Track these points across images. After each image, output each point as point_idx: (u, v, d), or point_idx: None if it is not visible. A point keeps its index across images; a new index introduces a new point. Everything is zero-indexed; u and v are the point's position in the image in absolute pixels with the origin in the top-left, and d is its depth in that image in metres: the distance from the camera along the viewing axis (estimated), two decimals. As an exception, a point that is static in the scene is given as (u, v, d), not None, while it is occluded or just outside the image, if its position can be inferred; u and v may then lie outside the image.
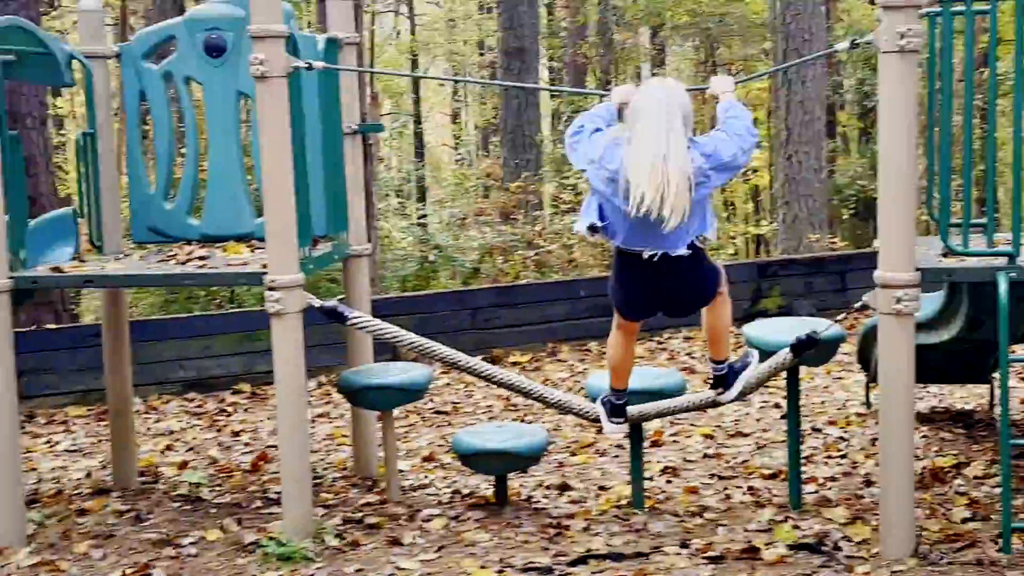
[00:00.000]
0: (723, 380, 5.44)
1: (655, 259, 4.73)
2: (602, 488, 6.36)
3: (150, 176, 6.78)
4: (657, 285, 4.87)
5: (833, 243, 13.74)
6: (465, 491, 6.36)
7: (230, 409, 8.74)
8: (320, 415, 8.40)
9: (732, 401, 5.63)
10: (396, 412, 6.65)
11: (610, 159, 4.67)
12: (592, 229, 4.85)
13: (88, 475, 7.01)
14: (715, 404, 5.68)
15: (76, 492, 6.63)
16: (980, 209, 11.91)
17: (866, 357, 7.60)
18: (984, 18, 5.33)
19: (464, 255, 13.12)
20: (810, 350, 5.54)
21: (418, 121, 26.53)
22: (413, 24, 27.29)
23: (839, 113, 19.99)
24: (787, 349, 5.55)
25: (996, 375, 7.55)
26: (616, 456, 7.00)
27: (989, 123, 5.15)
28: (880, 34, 4.88)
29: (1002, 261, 5.06)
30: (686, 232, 4.71)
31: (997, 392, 7.47)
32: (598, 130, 4.85)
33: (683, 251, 4.73)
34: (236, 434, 7.98)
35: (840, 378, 8.83)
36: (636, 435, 5.89)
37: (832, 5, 17.86)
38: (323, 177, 6.20)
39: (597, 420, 5.62)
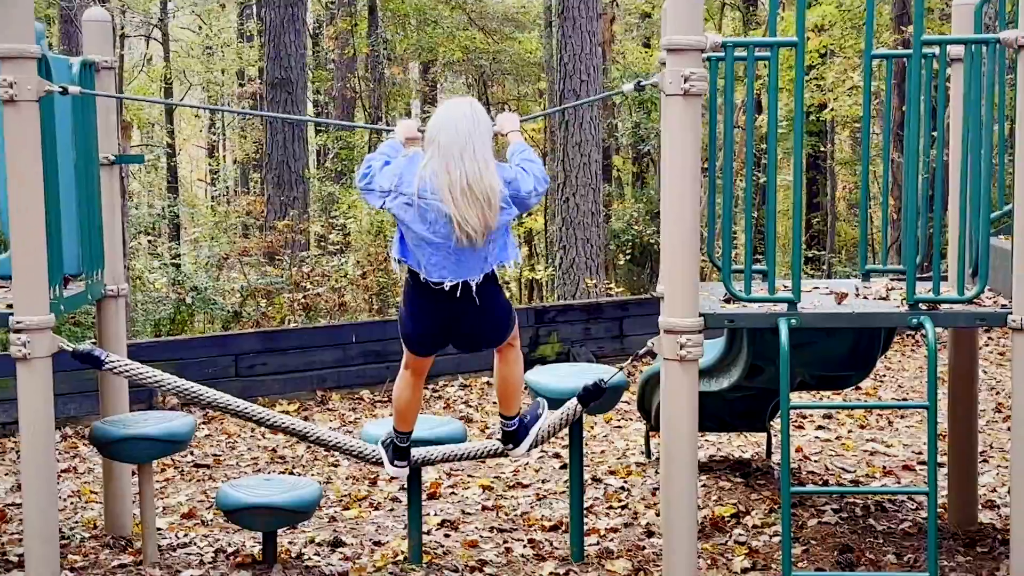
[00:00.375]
0: (513, 435, 5.49)
1: (455, 289, 4.76)
2: (377, 543, 6.34)
3: None
4: (454, 316, 4.86)
5: (610, 289, 14.11)
6: (229, 549, 6.24)
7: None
8: (65, 470, 8.10)
9: (522, 455, 5.72)
10: (154, 465, 6.48)
11: (408, 183, 4.67)
12: (399, 260, 4.85)
13: None
14: (502, 454, 5.75)
15: None
16: (760, 255, 12.45)
17: (646, 406, 7.82)
18: (765, 62, 5.60)
19: (224, 298, 12.93)
20: (597, 399, 5.68)
21: (172, 154, 26.02)
22: (167, 50, 26.77)
23: (615, 157, 20.60)
24: (575, 400, 5.68)
25: (774, 423, 7.90)
26: (391, 509, 6.99)
27: (769, 168, 5.40)
28: (664, 77, 5.05)
29: (783, 307, 5.29)
30: (486, 260, 4.76)
31: (775, 440, 7.83)
32: (387, 163, 4.86)
33: (482, 279, 4.77)
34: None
35: (620, 427, 9.05)
36: (414, 486, 5.92)
37: (607, 47, 18.42)
38: (76, 211, 6.03)
39: (378, 462, 5.62)
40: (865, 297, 5.72)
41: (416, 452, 5.61)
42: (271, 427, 5.87)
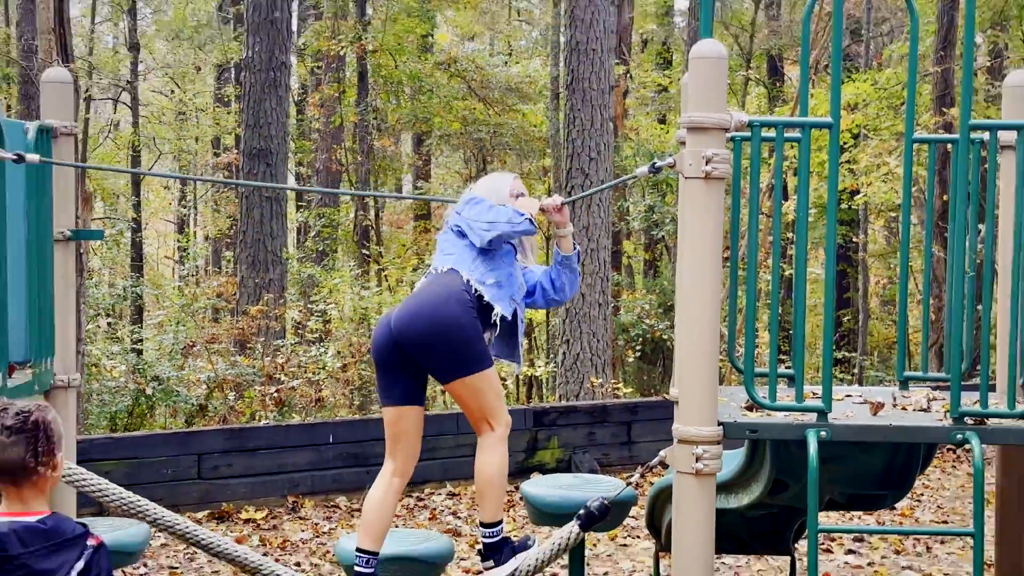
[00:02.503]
0: (495, 550, 5.41)
1: None
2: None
3: None
4: None
5: (618, 389, 14.04)
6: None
7: None
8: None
9: None
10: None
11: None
12: None
13: None
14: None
15: None
16: (785, 356, 12.41)
17: (656, 522, 7.71)
18: (795, 144, 5.59)
19: (188, 389, 12.85)
20: (602, 522, 5.59)
21: (137, 228, 26.09)
22: (136, 115, 26.95)
23: (625, 242, 20.63)
24: (574, 523, 5.57)
25: (798, 545, 7.78)
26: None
27: (797, 260, 5.36)
28: (683, 158, 5.02)
29: (811, 417, 5.23)
30: None
31: (799, 564, 7.70)
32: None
33: None
34: None
35: (626, 545, 8.94)
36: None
37: (620, 122, 18.52)
38: (26, 291, 5.98)
39: None
40: (903, 408, 5.65)
41: None
42: (220, 557, 5.76)
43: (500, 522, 5.41)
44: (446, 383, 5.32)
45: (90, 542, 3.66)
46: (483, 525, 5.40)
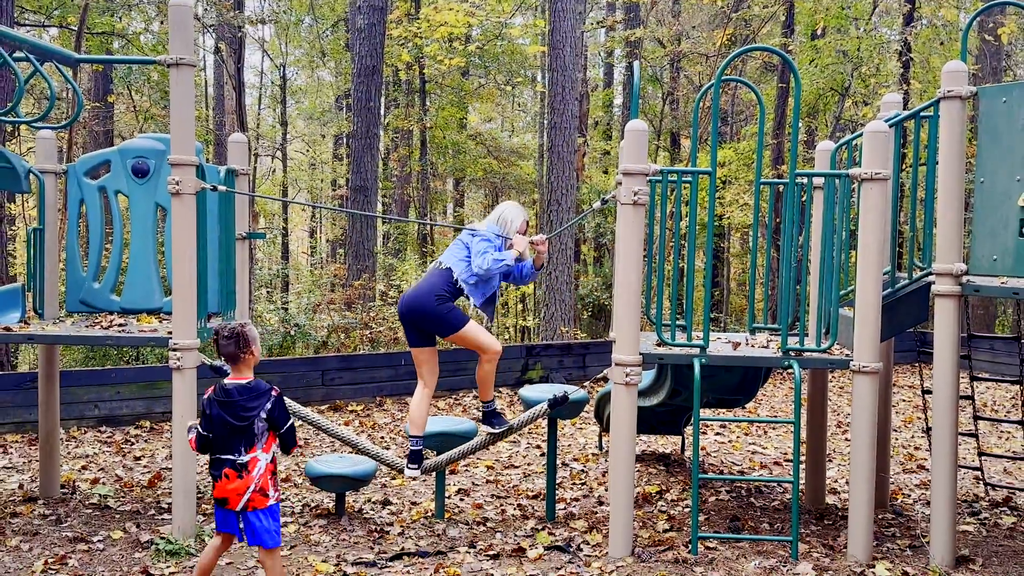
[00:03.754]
0: (489, 416, 5.53)
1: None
2: (414, 503, 6.21)
3: (83, 262, 6.39)
4: None
5: (577, 334, 13.98)
6: (312, 504, 6.11)
7: (134, 440, 8.21)
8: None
9: (497, 433, 5.59)
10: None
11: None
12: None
13: (20, 487, 6.44)
14: (495, 439, 5.62)
15: (10, 499, 6.08)
16: (681, 315, 12.30)
17: (600, 414, 7.71)
18: (687, 185, 5.55)
19: (316, 332, 12.80)
20: (562, 406, 5.58)
21: (285, 233, 25.98)
22: (285, 164, 26.84)
23: (583, 245, 20.55)
24: (545, 403, 5.58)
25: (687, 429, 7.78)
26: (424, 480, 6.86)
27: (688, 255, 5.34)
28: (620, 192, 5.01)
29: (696, 351, 5.22)
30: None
31: (687, 441, 7.70)
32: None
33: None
34: (138, 458, 7.49)
35: (581, 428, 8.92)
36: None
37: (580, 172, 18.42)
38: (219, 268, 5.97)
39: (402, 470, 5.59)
40: (752, 346, 5.64)
41: (441, 456, 5.57)
42: (332, 436, 5.75)
43: (491, 400, 5.46)
44: (444, 338, 5.36)
45: (273, 393, 4.20)
46: (482, 402, 5.48)
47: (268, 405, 4.18)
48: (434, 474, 5.90)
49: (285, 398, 4.34)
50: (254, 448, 4.16)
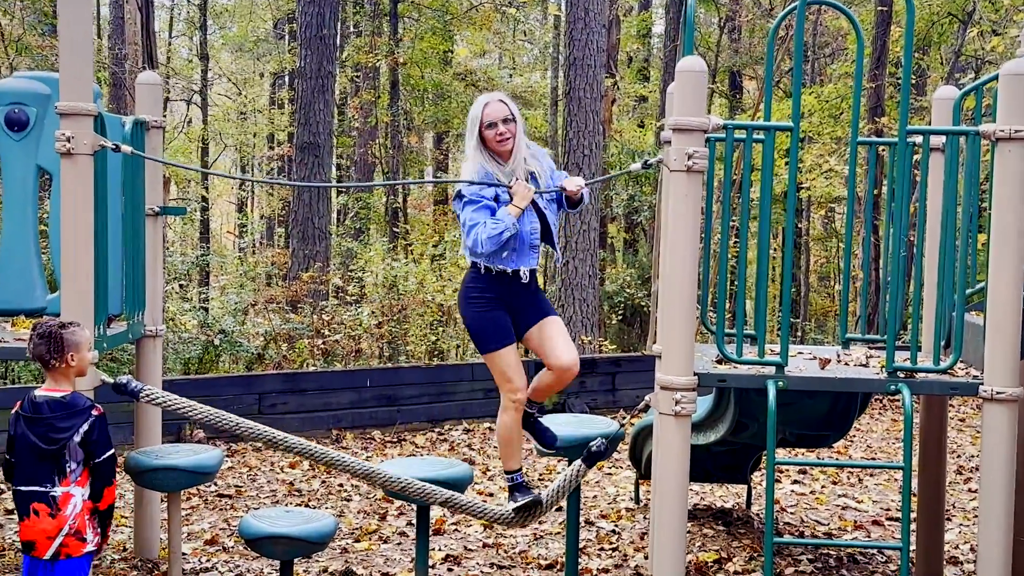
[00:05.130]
0: (513, 491, 5.50)
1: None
2: (385, 575, 6.23)
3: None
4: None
5: (603, 346, 14.03)
6: (249, 575, 6.14)
7: (2, 486, 8.23)
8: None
9: (518, 511, 5.57)
10: (181, 494, 6.38)
11: None
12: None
13: None
14: (516, 520, 5.60)
15: None
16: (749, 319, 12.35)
17: (637, 455, 7.74)
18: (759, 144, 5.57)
19: (248, 340, 12.84)
20: (603, 459, 5.59)
21: (205, 207, 26.01)
22: (205, 113, 26.85)
23: (610, 225, 20.59)
24: (579, 462, 5.54)
25: (753, 476, 7.81)
26: (399, 543, 6.89)
27: (761, 239, 5.35)
28: (669, 154, 5.02)
29: (770, 370, 5.24)
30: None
31: (754, 492, 7.74)
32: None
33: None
34: (9, 512, 7.51)
35: (611, 474, 8.95)
36: (422, 522, 5.82)
37: (607, 125, 18.45)
38: (122, 256, 5.98)
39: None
40: (846, 363, 5.67)
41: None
42: (297, 453, 5.74)
43: (513, 470, 5.46)
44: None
45: (94, 412, 4.52)
46: (505, 472, 5.49)
47: (85, 427, 4.44)
48: (413, 535, 5.91)
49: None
50: (67, 480, 4.39)
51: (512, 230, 5.17)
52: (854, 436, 10.73)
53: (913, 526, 6.47)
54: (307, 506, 7.73)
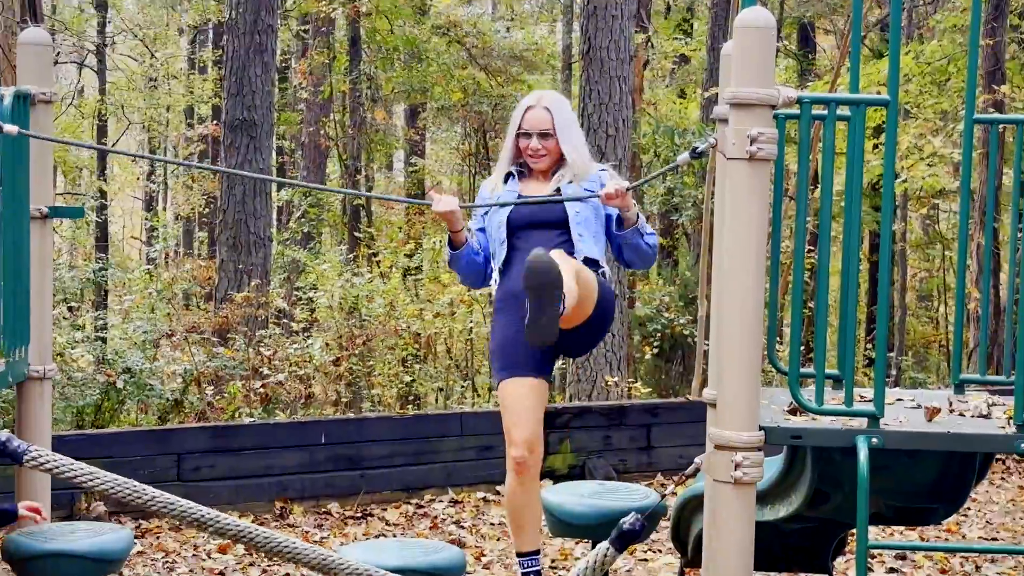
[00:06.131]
0: None
1: None
2: None
3: None
4: None
5: (634, 388, 14.06)
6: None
7: None
8: (-35, 590, 7.99)
9: None
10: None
11: None
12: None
13: None
14: None
15: None
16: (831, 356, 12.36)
17: (682, 535, 7.73)
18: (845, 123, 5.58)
19: (163, 382, 12.86)
20: (638, 541, 5.60)
21: (102, 206, 26.06)
22: (103, 81, 26.94)
23: (641, 228, 20.61)
24: (606, 544, 5.55)
25: (836, 563, 7.81)
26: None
27: (847, 248, 5.36)
28: (726, 137, 5.04)
29: (861, 422, 5.24)
30: None
31: (840, 583, 7.73)
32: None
33: None
34: None
35: (646, 560, 8.95)
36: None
37: (638, 95, 18.52)
38: (1, 273, 6.00)
39: None
40: (961, 414, 5.67)
41: None
42: (229, 536, 5.74)
43: (525, 553, 5.48)
44: None
45: None
46: (516, 554, 5.55)
47: None
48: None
49: None
50: None
51: (446, 256, 5.96)
52: (969, 510, 10.72)
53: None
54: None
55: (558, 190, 5.89)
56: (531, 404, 5.43)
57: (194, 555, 8.90)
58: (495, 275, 5.95)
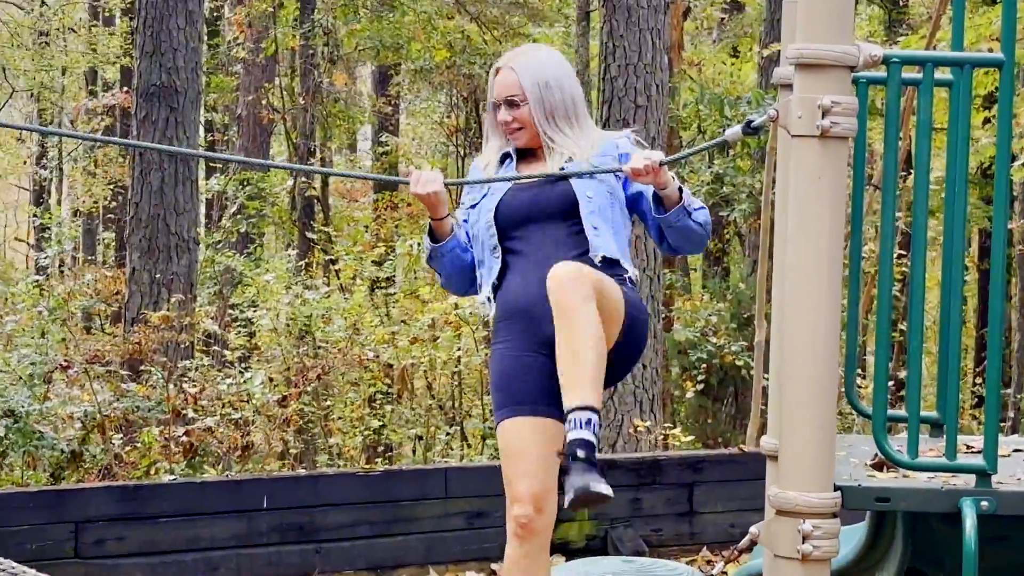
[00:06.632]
0: None
1: None
2: None
3: None
4: None
5: (672, 435, 14.07)
6: None
7: None
8: None
9: None
10: None
11: None
12: None
13: None
14: None
15: None
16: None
17: (735, 628, 7.75)
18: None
19: (57, 429, 12.87)
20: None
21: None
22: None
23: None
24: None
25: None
26: None
27: (948, 251, 5.37)
28: (790, 107, 5.04)
29: (967, 480, 5.25)
30: None
31: None
32: None
33: None
34: None
35: (687, 659, 8.97)
36: None
37: (676, 54, 18.56)
38: None
39: None
40: (1099, 470, 5.68)
41: None
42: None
43: None
44: None
45: None
46: None
47: None
48: None
49: None
50: None
51: (426, 247, 5.94)
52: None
53: None
54: None
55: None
56: (540, 451, 5.44)
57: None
58: (487, 291, 5.86)
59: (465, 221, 6.02)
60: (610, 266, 5.68)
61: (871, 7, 24.28)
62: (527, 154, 5.91)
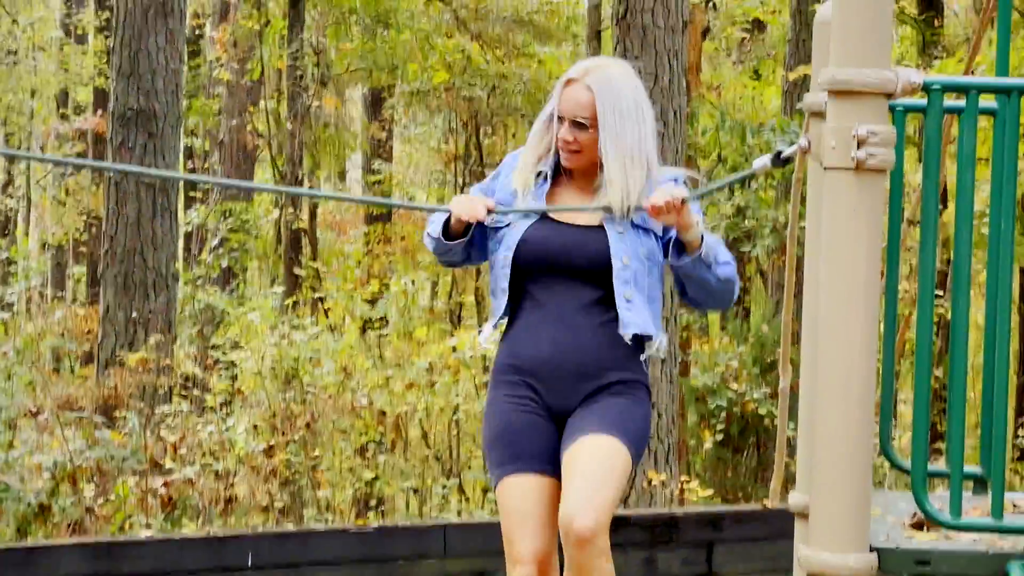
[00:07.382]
0: None
1: None
2: None
3: None
4: None
5: (689, 489, 14.05)
6: None
7: None
8: None
9: None
10: None
11: None
12: None
13: None
14: None
15: None
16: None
17: None
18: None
19: (24, 483, 12.87)
20: None
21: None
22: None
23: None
24: None
25: None
26: None
27: (994, 295, 5.36)
28: (823, 137, 5.04)
29: (1015, 542, 5.23)
30: None
31: None
32: None
33: None
34: None
35: None
36: None
37: (694, 76, 18.57)
38: None
39: None
40: None
41: None
42: None
43: None
44: None
45: None
46: None
47: None
48: None
49: None
50: None
51: (434, 235, 5.72)
52: None
53: None
54: None
55: (601, 223, 5.64)
56: (541, 510, 5.42)
57: None
58: (491, 328, 5.79)
59: (485, 225, 5.73)
60: (639, 343, 5.62)
61: (903, 27, 24.33)
62: (565, 173, 5.80)
